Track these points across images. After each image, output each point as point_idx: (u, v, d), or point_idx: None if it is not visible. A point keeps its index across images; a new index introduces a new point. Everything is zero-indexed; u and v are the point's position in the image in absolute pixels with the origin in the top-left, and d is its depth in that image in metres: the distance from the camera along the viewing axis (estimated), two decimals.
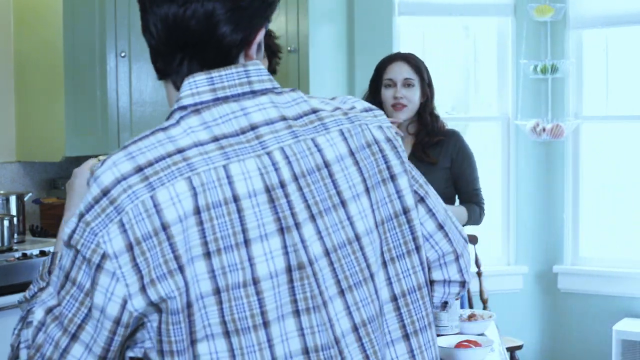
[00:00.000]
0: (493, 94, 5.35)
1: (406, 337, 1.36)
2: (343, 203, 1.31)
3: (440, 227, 1.46)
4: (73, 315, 1.25)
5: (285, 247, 1.25)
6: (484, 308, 4.84)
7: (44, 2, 4.88)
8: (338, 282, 1.28)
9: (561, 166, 5.17)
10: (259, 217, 1.23)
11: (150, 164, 1.22)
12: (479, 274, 4.96)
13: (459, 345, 2.53)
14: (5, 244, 3.70)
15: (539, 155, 5.19)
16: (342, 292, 1.28)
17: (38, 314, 1.29)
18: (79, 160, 2.42)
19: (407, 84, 3.36)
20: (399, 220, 1.37)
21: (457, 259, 1.48)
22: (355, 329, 1.29)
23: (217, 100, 1.29)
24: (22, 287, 3.03)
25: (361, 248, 1.31)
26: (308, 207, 1.28)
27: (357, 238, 1.31)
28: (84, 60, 4.76)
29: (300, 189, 1.28)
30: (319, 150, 1.31)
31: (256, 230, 1.23)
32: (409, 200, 1.38)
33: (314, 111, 1.34)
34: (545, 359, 5.28)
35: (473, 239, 4.98)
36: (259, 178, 1.25)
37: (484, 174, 5.36)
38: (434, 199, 1.48)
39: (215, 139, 1.25)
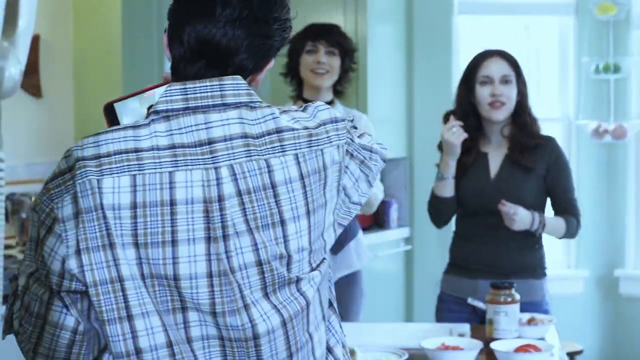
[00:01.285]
0: (554, 94, 5.29)
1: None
2: (282, 222, 1.45)
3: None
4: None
5: (209, 254, 1.41)
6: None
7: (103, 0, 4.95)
8: (264, 287, 1.44)
9: (623, 168, 5.09)
10: (190, 223, 1.41)
11: (109, 155, 1.41)
12: None
13: (518, 349, 2.51)
14: None
15: (601, 157, 5.12)
16: (266, 295, 1.45)
17: (21, 281, 1.49)
18: None
19: (505, 80, 3.13)
20: (320, 242, 1.52)
21: None
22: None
23: (187, 110, 1.44)
24: None
25: (288, 264, 1.46)
26: (247, 221, 1.42)
27: (288, 254, 1.45)
28: (142, 58, 4.83)
29: (242, 204, 1.42)
30: (269, 172, 1.44)
31: (185, 234, 1.40)
32: (328, 222, 1.53)
33: (278, 131, 1.46)
34: None
35: None
36: (200, 189, 1.41)
37: None
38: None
39: (173, 147, 1.42)
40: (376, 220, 4.93)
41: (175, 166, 1.41)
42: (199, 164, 1.42)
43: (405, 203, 4.99)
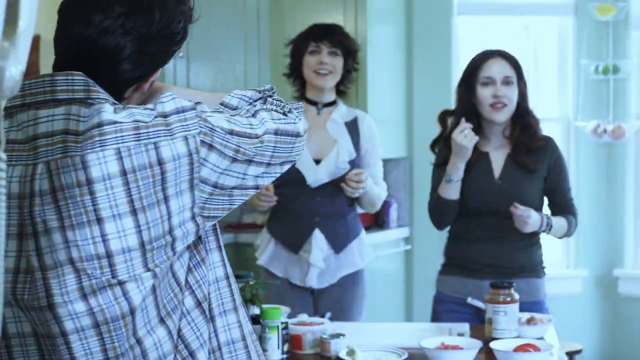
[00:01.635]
0: (553, 94, 5.30)
1: None
2: (99, 220, 1.39)
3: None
4: None
5: (20, 250, 1.41)
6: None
7: None
8: (81, 288, 1.40)
9: (622, 168, 5.10)
10: (7, 219, 1.39)
11: None
12: None
13: (517, 349, 2.52)
14: None
15: (600, 157, 5.14)
16: (84, 297, 1.40)
17: None
18: None
19: (507, 81, 3.12)
20: (166, 239, 1.44)
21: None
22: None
23: (23, 107, 1.46)
24: None
25: (110, 265, 1.40)
26: (61, 218, 1.39)
27: (108, 255, 1.39)
28: None
29: (56, 201, 1.39)
30: (85, 168, 1.38)
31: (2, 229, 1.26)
32: (176, 220, 1.44)
33: (99, 126, 1.40)
34: None
35: None
36: (17, 184, 1.42)
37: None
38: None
39: (8, 142, 1.44)
40: (376, 220, 4.95)
41: (9, 161, 1.41)
42: (22, 160, 1.43)
43: (404, 203, 5.00)
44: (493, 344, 2.55)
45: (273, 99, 1.63)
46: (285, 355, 2.56)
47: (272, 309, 2.55)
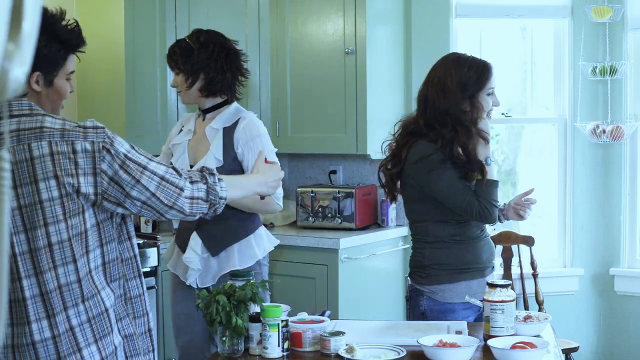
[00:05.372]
0: (550, 95, 5.33)
1: None
2: (36, 181, 2.16)
3: None
4: None
5: None
6: (540, 310, 4.83)
7: (106, 3, 4.98)
8: (23, 225, 2.18)
9: (619, 168, 5.13)
10: None
11: None
12: (534, 275, 4.96)
13: (514, 346, 2.54)
14: None
15: (596, 157, 5.16)
16: (25, 231, 2.19)
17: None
18: None
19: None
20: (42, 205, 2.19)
21: None
22: None
23: None
24: None
25: (42, 209, 2.17)
26: (14, 180, 2.15)
27: (41, 202, 2.17)
28: (145, 61, 4.85)
29: (12, 170, 2.10)
30: (29, 150, 2.17)
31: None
32: (45, 195, 2.17)
33: (42, 127, 2.20)
34: None
35: (529, 240, 4.98)
36: None
37: (541, 176, 5.36)
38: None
39: None
40: (375, 220, 4.98)
41: None
42: None
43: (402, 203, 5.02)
44: (490, 342, 2.58)
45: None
46: (285, 353, 2.58)
47: (272, 307, 2.57)
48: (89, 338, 2.21)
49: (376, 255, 4.74)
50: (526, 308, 4.88)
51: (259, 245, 3.49)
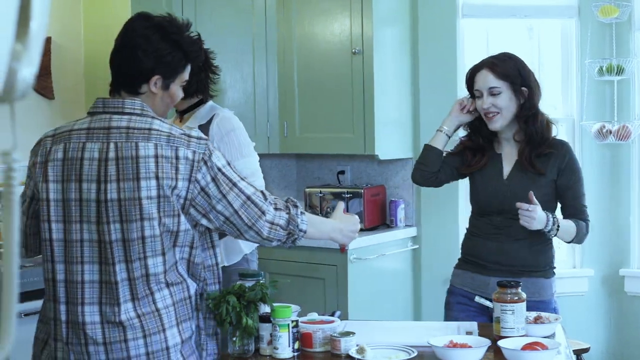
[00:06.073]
0: (557, 95, 5.31)
1: None
2: (138, 179, 2.34)
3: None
4: None
5: (98, 190, 2.35)
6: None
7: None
8: (119, 216, 2.35)
9: (627, 168, 5.11)
10: (90, 171, 2.37)
11: (59, 132, 2.47)
12: None
13: (525, 347, 2.53)
14: None
15: (605, 157, 5.15)
16: (121, 222, 2.35)
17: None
18: None
19: (492, 93, 3.23)
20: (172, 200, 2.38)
21: None
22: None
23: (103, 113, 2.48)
24: None
25: (140, 205, 2.33)
26: (117, 174, 2.34)
27: (139, 199, 2.33)
28: None
29: (117, 164, 2.34)
30: (136, 148, 2.35)
31: (86, 176, 2.38)
32: (144, 192, 2.34)
33: (149, 129, 2.39)
34: None
35: None
36: (97, 153, 2.38)
37: None
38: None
39: (89, 129, 2.42)
40: (383, 220, 4.97)
41: (87, 139, 2.42)
42: (99, 140, 2.41)
43: (411, 203, 5.02)
44: (501, 343, 2.57)
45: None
46: (296, 354, 2.58)
47: (282, 308, 2.57)
48: (172, 320, 2.38)
49: (385, 256, 4.74)
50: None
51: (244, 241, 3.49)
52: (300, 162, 5.41)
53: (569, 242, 3.28)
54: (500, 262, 3.21)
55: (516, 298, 2.73)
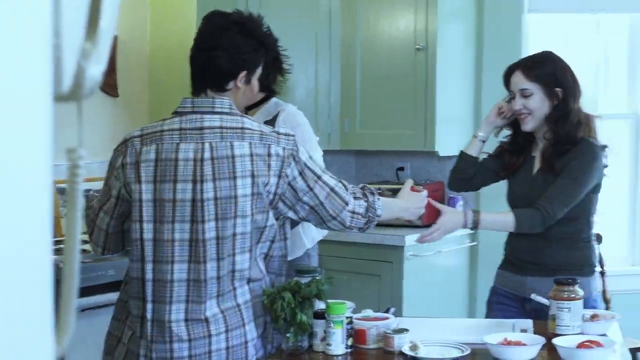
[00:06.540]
0: (623, 91, 5.25)
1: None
2: (235, 178, 2.41)
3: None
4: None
5: (194, 190, 2.40)
6: (607, 308, 4.76)
7: (180, 1, 5.03)
8: (216, 214, 2.40)
9: None
10: (185, 171, 2.42)
11: (147, 133, 2.49)
12: (602, 273, 4.88)
13: (580, 345, 2.51)
14: None
15: None
16: (217, 220, 2.40)
17: (95, 210, 2.65)
18: None
19: (523, 95, 3.20)
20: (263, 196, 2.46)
21: None
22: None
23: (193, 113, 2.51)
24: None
25: (235, 203, 2.40)
26: (213, 173, 2.40)
27: (236, 197, 2.41)
28: None
29: (213, 164, 2.41)
30: (232, 147, 2.42)
31: (181, 177, 2.42)
32: (240, 191, 2.42)
33: (242, 128, 2.46)
34: None
35: (597, 238, 4.90)
36: (192, 153, 2.43)
37: (611, 172, 5.27)
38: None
39: (182, 129, 2.47)
40: None
41: (180, 140, 2.47)
42: (193, 140, 2.46)
43: (471, 200, 5.00)
44: (556, 340, 2.55)
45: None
46: (349, 350, 2.59)
47: (337, 304, 2.58)
48: (250, 315, 2.47)
49: (442, 253, 4.73)
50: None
51: (307, 235, 3.51)
52: (360, 159, 5.43)
53: (520, 232, 3.15)
54: (534, 262, 3.19)
55: (573, 295, 2.71)
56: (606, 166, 3.23)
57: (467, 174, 3.44)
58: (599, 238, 4.89)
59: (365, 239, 4.52)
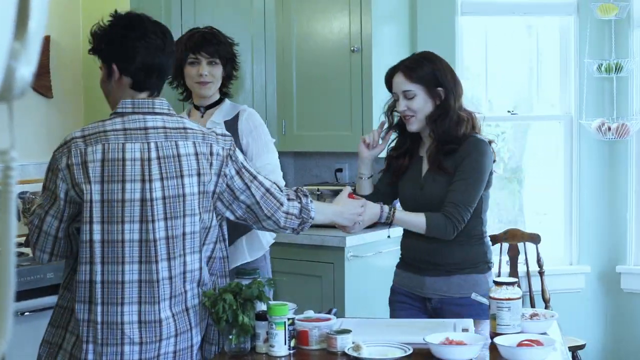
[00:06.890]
0: (556, 93, 5.32)
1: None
2: (182, 176, 2.46)
3: None
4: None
5: (142, 190, 2.42)
6: (546, 307, 4.83)
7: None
8: (165, 214, 2.44)
9: (625, 165, 5.13)
10: (133, 171, 2.42)
11: (90, 133, 2.46)
12: (541, 273, 4.96)
13: (520, 344, 2.54)
14: None
15: (602, 155, 5.16)
16: (165, 219, 2.44)
17: (39, 217, 2.53)
18: None
19: (406, 96, 3.21)
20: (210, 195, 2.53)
21: None
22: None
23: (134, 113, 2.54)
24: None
25: (184, 202, 2.46)
26: (161, 173, 2.44)
27: (184, 195, 2.46)
28: None
29: (159, 163, 2.44)
30: (177, 147, 2.47)
31: (129, 176, 2.42)
32: (188, 189, 2.47)
33: (184, 128, 2.53)
34: (608, 359, 5.24)
35: (535, 238, 4.98)
36: (139, 153, 2.44)
37: (547, 173, 5.36)
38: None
39: (126, 129, 2.47)
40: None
41: (125, 140, 2.47)
42: (139, 140, 2.47)
43: None
44: (497, 340, 2.57)
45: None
46: (292, 351, 2.58)
47: (278, 306, 2.58)
48: (197, 319, 2.52)
49: (382, 253, 4.74)
50: (532, 306, 4.88)
51: (264, 236, 3.53)
52: (299, 160, 5.42)
53: (430, 235, 3.17)
54: (431, 262, 3.21)
55: (512, 295, 2.74)
56: (494, 161, 3.25)
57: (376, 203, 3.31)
58: (537, 238, 4.97)
59: (306, 240, 4.51)
